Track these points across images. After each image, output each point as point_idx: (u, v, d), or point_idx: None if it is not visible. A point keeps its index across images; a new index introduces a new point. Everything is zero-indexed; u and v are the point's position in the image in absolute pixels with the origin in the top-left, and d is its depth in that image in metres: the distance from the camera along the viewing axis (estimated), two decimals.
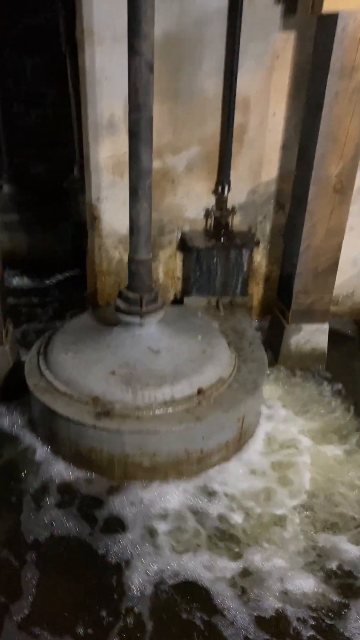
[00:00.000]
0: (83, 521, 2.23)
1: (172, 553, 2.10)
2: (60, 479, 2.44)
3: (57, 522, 2.23)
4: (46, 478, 2.45)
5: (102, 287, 3.58)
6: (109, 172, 3.17)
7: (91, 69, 2.84)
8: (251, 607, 1.91)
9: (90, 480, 2.43)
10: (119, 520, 2.23)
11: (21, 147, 5.64)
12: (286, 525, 2.23)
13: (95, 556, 2.10)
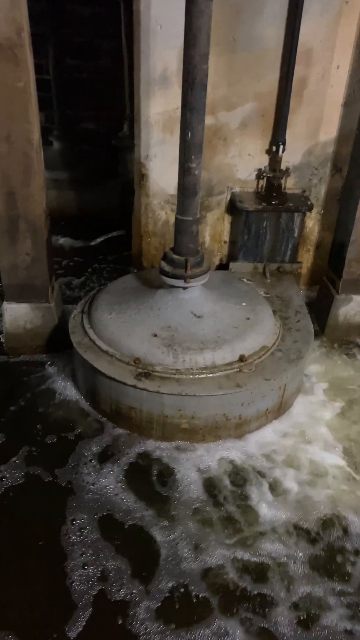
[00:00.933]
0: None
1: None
2: (101, 434, 2.50)
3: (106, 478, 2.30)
4: (87, 432, 2.52)
5: (147, 249, 3.54)
6: (159, 129, 3.07)
7: (145, 17, 2.70)
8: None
9: (129, 436, 2.48)
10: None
11: (72, 102, 5.54)
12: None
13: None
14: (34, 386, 2.83)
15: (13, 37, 2.21)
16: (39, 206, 2.69)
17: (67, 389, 2.80)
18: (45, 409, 2.68)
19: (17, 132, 2.46)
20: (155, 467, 2.32)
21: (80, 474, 2.29)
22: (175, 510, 2.13)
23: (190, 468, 2.30)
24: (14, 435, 2.51)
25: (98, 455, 2.38)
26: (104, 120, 5.95)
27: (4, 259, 2.80)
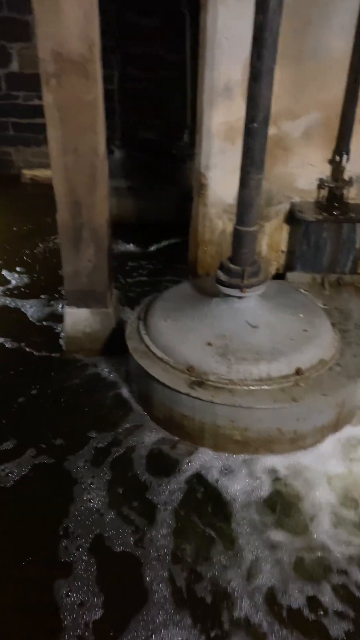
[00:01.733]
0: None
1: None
2: (151, 440, 2.53)
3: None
4: (138, 437, 2.56)
5: (203, 257, 3.56)
6: (221, 139, 3.09)
7: (212, 29, 2.74)
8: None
9: (180, 445, 2.49)
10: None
11: (134, 112, 5.69)
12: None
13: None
14: (89, 388, 2.91)
15: (85, 53, 2.30)
16: (102, 215, 2.78)
17: (121, 392, 2.86)
18: (98, 410, 2.74)
19: (85, 143, 2.55)
20: (206, 481, 2.31)
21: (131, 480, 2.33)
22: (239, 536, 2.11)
23: (241, 483, 2.28)
24: (65, 433, 2.59)
25: (149, 463, 2.41)
26: (163, 129, 6.07)
27: (67, 265, 2.91)
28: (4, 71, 5.73)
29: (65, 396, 2.85)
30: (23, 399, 2.82)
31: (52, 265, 4.29)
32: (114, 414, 2.71)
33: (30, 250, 4.58)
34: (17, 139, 6.17)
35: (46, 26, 2.24)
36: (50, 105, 2.45)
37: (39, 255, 4.51)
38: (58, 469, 2.38)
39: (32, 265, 4.32)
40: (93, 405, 2.77)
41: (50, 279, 4.08)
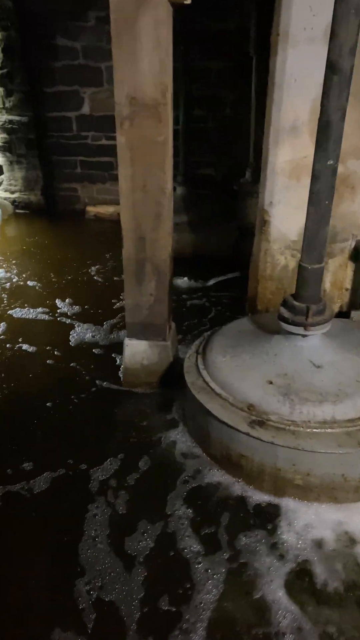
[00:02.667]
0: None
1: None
2: (207, 479, 2.46)
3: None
4: (192, 474, 2.50)
5: (263, 292, 3.53)
6: (285, 176, 3.10)
7: (280, 72, 2.79)
8: None
9: (237, 485, 2.41)
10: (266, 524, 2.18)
11: (196, 149, 5.85)
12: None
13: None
14: (143, 420, 2.91)
15: (159, 97, 2.40)
16: (165, 250, 2.83)
17: (176, 428, 2.83)
18: (152, 445, 2.72)
19: (153, 182, 2.64)
20: (264, 525, 2.22)
21: (177, 519, 2.26)
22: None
23: (301, 533, 2.16)
24: (117, 465, 2.58)
25: (202, 503, 2.35)
26: (224, 166, 6.20)
27: (129, 298, 2.97)
28: (75, 113, 6.10)
29: (120, 427, 2.86)
30: (77, 428, 2.86)
31: (109, 297, 4.41)
32: (166, 451, 2.67)
33: (88, 282, 4.73)
34: (83, 176, 6.49)
35: (123, 73, 2.36)
36: (122, 145, 2.56)
37: (97, 288, 4.64)
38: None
39: (89, 297, 4.44)
40: (148, 441, 2.76)
41: (107, 310, 4.18)
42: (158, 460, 2.61)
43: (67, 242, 5.65)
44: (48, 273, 4.89)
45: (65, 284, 4.68)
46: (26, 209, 6.52)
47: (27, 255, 5.28)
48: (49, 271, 4.93)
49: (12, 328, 3.91)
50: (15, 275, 4.80)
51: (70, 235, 5.90)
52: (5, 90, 5.86)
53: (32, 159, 6.24)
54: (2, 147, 6.20)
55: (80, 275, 4.86)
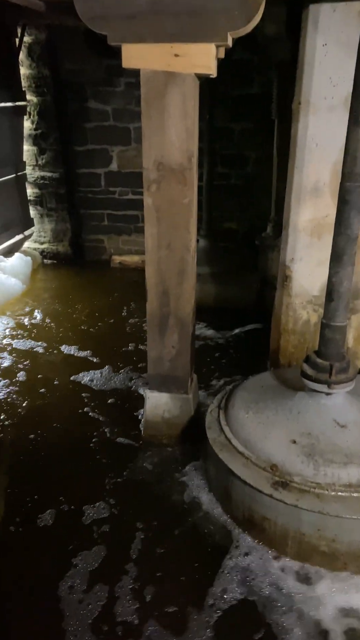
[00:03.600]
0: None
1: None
2: (230, 546, 2.39)
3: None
4: (214, 538, 2.43)
5: (285, 346, 3.53)
6: (307, 234, 3.17)
7: (302, 137, 2.91)
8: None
9: (259, 550, 2.33)
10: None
11: (219, 204, 6.03)
12: None
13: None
14: (163, 476, 2.86)
15: (185, 162, 2.53)
16: (188, 304, 2.89)
17: (197, 485, 2.77)
18: (171, 502, 2.67)
19: (177, 240, 2.72)
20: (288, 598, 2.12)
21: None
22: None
23: (328, 605, 2.06)
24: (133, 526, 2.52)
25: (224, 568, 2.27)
26: (246, 220, 6.35)
27: (152, 350, 3.00)
28: (104, 170, 6.39)
29: (137, 485, 2.82)
30: (93, 484, 2.83)
31: (129, 345, 4.46)
32: (186, 511, 2.61)
33: (109, 332, 4.79)
34: (110, 228, 6.72)
35: (151, 141, 2.50)
36: (149, 207, 2.67)
37: (118, 335, 4.70)
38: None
39: (110, 344, 4.49)
40: (169, 501, 2.70)
41: (127, 358, 4.21)
42: (176, 517, 2.55)
43: (92, 290, 5.78)
44: (71, 319, 4.99)
45: (88, 331, 4.76)
46: (54, 259, 6.74)
47: (53, 302, 5.42)
48: (73, 317, 5.03)
49: (33, 371, 3.96)
50: (40, 321, 4.91)
51: (95, 283, 6.04)
52: (38, 149, 6.21)
53: (61, 212, 6.51)
54: (34, 201, 6.50)
55: (103, 323, 4.94)
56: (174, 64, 2.30)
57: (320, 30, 2.62)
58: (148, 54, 2.30)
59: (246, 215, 6.31)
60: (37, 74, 5.82)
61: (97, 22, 2.26)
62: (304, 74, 2.76)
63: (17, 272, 5.58)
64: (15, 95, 5.70)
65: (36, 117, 6.06)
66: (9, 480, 2.85)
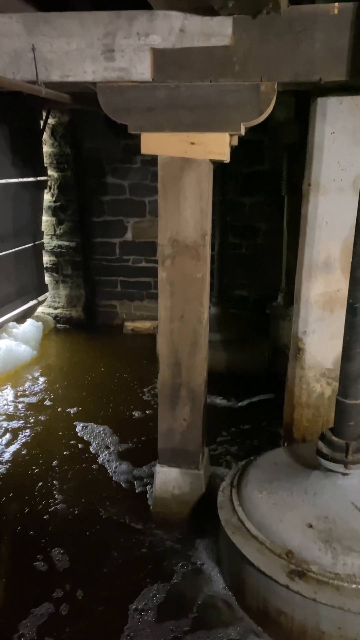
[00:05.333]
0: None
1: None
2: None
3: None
4: (229, 632, 2.26)
5: (299, 419, 3.45)
6: (319, 308, 3.19)
7: (312, 215, 3.01)
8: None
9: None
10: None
11: (230, 272, 6.16)
12: None
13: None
14: (170, 558, 2.71)
15: (198, 240, 2.61)
16: (200, 376, 2.87)
17: (208, 569, 2.62)
18: (182, 589, 2.51)
19: (190, 312, 2.76)
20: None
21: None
22: None
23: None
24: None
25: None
26: (257, 288, 6.45)
27: (163, 423, 2.95)
28: (119, 239, 6.62)
29: (141, 566, 2.67)
30: (98, 570, 2.69)
31: (140, 416, 4.39)
32: (197, 598, 2.45)
33: (119, 402, 4.74)
34: (123, 294, 6.85)
35: (167, 220, 2.61)
36: (163, 280, 2.73)
37: (125, 405, 4.64)
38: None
39: (120, 417, 4.43)
40: (176, 588, 2.54)
41: (135, 434, 4.11)
42: (187, 606, 2.38)
43: (103, 357, 5.79)
44: (80, 387, 4.96)
45: (96, 400, 4.71)
46: (67, 323, 6.83)
47: (62, 369, 5.42)
48: (81, 385, 5.00)
49: (35, 441, 3.89)
50: (47, 389, 4.89)
51: (106, 349, 6.07)
52: (57, 220, 6.48)
53: (76, 278, 6.68)
54: (51, 268, 6.70)
55: (113, 392, 4.91)
56: (190, 151, 2.44)
57: (328, 120, 2.79)
58: (166, 141, 2.44)
59: (257, 283, 6.42)
60: (59, 152, 6.19)
61: (118, 114, 2.43)
62: (314, 158, 2.90)
63: (28, 339, 5.64)
64: (37, 171, 6.04)
65: (56, 191, 6.37)
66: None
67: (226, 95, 2.30)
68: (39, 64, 2.35)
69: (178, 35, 2.25)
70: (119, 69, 2.33)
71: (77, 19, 2.30)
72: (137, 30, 2.27)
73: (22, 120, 5.60)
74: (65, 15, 2.31)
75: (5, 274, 5.69)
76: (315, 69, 2.23)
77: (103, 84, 2.38)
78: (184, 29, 2.24)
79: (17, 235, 5.82)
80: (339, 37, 2.17)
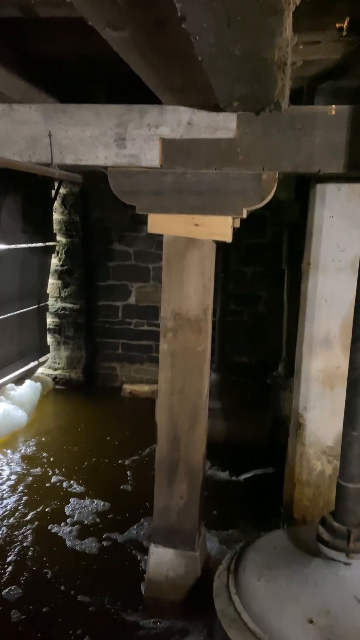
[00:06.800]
0: None
1: None
2: None
3: None
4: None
5: (299, 498, 3.34)
6: (319, 384, 3.19)
7: (312, 293, 3.08)
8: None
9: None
10: None
11: (231, 339, 6.21)
12: None
13: None
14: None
15: (200, 315, 2.66)
16: (199, 451, 2.82)
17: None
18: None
19: (191, 385, 2.75)
20: None
21: None
22: None
23: None
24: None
25: None
26: (258, 355, 6.47)
27: (159, 500, 2.86)
28: (122, 303, 6.74)
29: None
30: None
31: (132, 489, 4.25)
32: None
33: (112, 472, 4.61)
34: (124, 357, 6.87)
35: (171, 294, 2.67)
36: (164, 352, 2.75)
37: (118, 480, 4.51)
38: None
39: (113, 488, 4.29)
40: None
41: (128, 508, 3.97)
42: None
43: (99, 422, 5.70)
44: (73, 454, 4.84)
45: (89, 469, 4.58)
46: (66, 385, 6.80)
47: (57, 435, 5.31)
48: (75, 452, 4.89)
49: (25, 509, 3.75)
50: (40, 456, 4.78)
51: (103, 413, 5.99)
52: (63, 283, 6.63)
53: (78, 340, 6.73)
54: (53, 330, 6.77)
55: (106, 460, 4.79)
56: (194, 231, 2.54)
57: (327, 205, 2.92)
58: (171, 222, 2.55)
59: (258, 350, 6.45)
60: (68, 220, 6.45)
61: (127, 196, 2.56)
62: (313, 239, 3.01)
63: (24, 402, 5.60)
64: (46, 236, 6.26)
65: (63, 255, 6.57)
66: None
67: (230, 182, 2.43)
68: (54, 148, 2.50)
69: (186, 128, 2.41)
70: (130, 155, 2.48)
71: (93, 110, 2.47)
72: (148, 122, 2.44)
73: (35, 190, 5.87)
74: (82, 107, 2.49)
75: (9, 335, 5.74)
76: (315, 162, 2.37)
77: (114, 168, 2.52)
78: (191, 122, 2.40)
79: (23, 297, 5.94)
80: (336, 135, 2.32)
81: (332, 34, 2.07)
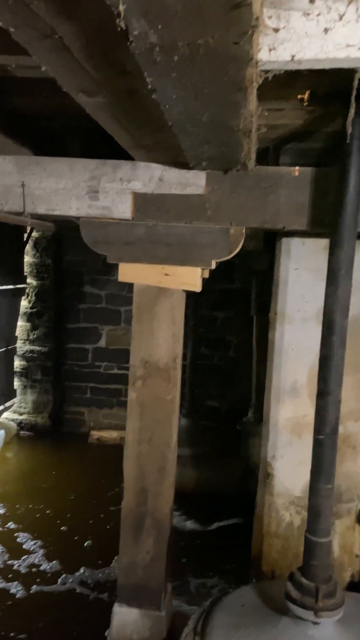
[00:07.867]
0: None
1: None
2: None
3: None
4: None
5: (268, 551, 3.28)
6: (287, 432, 3.20)
7: (279, 342, 3.14)
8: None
9: None
10: None
11: (202, 382, 6.20)
12: None
13: None
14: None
15: (170, 362, 2.66)
16: (167, 504, 2.75)
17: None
18: None
19: (159, 436, 2.72)
20: None
21: None
22: None
23: None
24: None
25: None
26: (228, 399, 6.48)
27: (124, 555, 2.76)
28: (92, 346, 6.69)
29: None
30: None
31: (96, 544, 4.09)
32: None
33: (75, 527, 4.43)
34: (92, 401, 6.75)
35: (140, 342, 2.68)
36: (133, 401, 2.73)
37: (81, 534, 4.34)
38: None
39: (76, 545, 4.12)
40: None
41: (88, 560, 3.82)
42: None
43: (64, 472, 5.49)
44: (35, 510, 4.63)
45: (49, 523, 4.38)
46: (31, 430, 6.59)
47: (18, 489, 5.07)
48: (37, 508, 4.68)
49: None
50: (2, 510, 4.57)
51: (69, 462, 5.81)
52: (32, 325, 6.56)
53: (45, 384, 6.60)
54: (20, 373, 6.62)
55: (69, 515, 4.60)
56: (164, 281, 2.59)
57: (293, 258, 3.03)
58: (142, 272, 2.59)
59: (228, 394, 6.46)
60: (40, 262, 6.45)
61: (99, 246, 2.60)
62: (279, 291, 3.10)
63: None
64: (17, 279, 6.22)
65: (33, 298, 6.53)
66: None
67: (199, 235, 2.51)
68: (27, 198, 2.54)
69: (157, 183, 2.50)
70: (102, 207, 2.54)
71: (67, 163, 2.54)
72: (121, 176, 2.51)
73: (6, 233, 5.88)
74: (56, 159, 2.55)
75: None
76: (280, 219, 2.48)
77: (86, 219, 2.57)
78: (162, 178, 2.49)
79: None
80: (300, 194, 2.44)
81: (295, 103, 2.21)
